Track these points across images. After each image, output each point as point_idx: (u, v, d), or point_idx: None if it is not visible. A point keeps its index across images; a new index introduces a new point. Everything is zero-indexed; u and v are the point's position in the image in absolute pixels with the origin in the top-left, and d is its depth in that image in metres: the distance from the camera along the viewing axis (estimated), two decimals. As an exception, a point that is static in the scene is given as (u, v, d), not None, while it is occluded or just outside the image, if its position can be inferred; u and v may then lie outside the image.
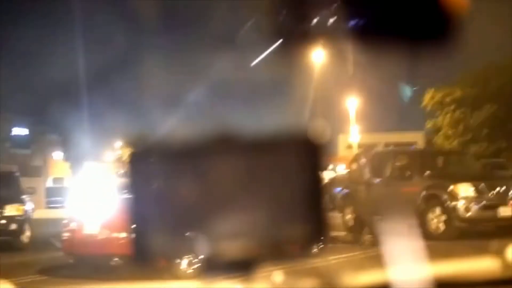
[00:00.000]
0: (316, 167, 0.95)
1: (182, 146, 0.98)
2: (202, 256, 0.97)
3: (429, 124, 41.71)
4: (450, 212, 12.80)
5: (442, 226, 12.95)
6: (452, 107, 38.19)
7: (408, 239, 11.87)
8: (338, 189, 16.43)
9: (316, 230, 0.95)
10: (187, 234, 0.97)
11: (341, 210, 15.72)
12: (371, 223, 13.06)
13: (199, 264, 0.99)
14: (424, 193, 13.32)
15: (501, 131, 36.53)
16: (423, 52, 1.57)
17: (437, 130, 40.63)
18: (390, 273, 1.29)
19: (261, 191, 0.96)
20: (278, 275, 1.29)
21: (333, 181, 18.78)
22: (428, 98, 39.29)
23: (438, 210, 13.05)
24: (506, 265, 1.23)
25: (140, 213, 0.96)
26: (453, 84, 38.57)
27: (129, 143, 0.98)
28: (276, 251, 1.00)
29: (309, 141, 0.95)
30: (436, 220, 13.06)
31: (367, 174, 13.05)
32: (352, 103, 51.18)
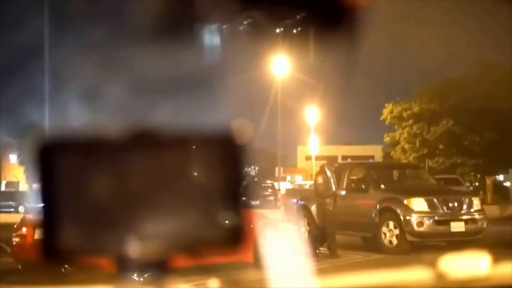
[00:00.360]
0: (235, 168, 0.92)
1: (97, 141, 0.94)
2: (118, 257, 0.94)
3: (387, 138, 42.23)
4: (403, 226, 12.90)
5: (395, 240, 13.03)
6: (410, 121, 38.73)
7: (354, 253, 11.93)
8: (294, 200, 16.46)
9: (233, 232, 0.93)
10: (100, 233, 0.93)
11: (297, 222, 15.75)
12: (329, 236, 13.11)
13: (116, 266, 0.95)
14: (378, 206, 13.42)
15: (457, 147, 37.15)
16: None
17: (394, 144, 41.16)
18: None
19: (178, 190, 0.94)
20: (213, 283, 1.26)
21: (290, 192, 18.83)
22: (387, 112, 39.80)
23: (391, 224, 13.14)
24: (438, 275, 1.21)
25: (50, 210, 0.93)
26: (411, 99, 39.15)
27: (41, 137, 0.94)
28: (192, 253, 0.98)
29: (230, 141, 0.92)
30: (390, 234, 13.14)
31: (333, 186, 13.09)
32: (312, 115, 51.61)
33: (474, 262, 1.24)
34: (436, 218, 12.99)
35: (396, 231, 13.02)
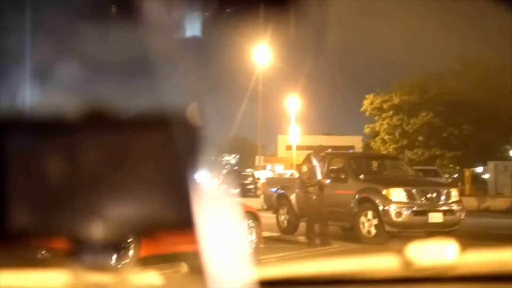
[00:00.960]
0: (189, 151, 0.90)
1: (51, 121, 0.92)
2: (73, 239, 0.93)
3: (367, 129, 42.41)
4: (381, 216, 12.96)
5: (373, 230, 13.09)
6: (390, 113, 38.90)
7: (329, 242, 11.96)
8: (274, 189, 16.49)
9: (182, 216, 0.91)
10: (54, 214, 0.92)
11: (276, 211, 15.78)
12: (308, 225, 13.18)
13: (72, 248, 0.94)
14: (357, 196, 13.47)
15: (436, 139, 37.40)
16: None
17: (374, 135, 41.34)
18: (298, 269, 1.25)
19: (130, 172, 0.92)
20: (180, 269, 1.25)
21: (270, 181, 18.87)
22: (367, 103, 39.95)
23: (370, 214, 13.20)
24: (406, 263, 1.21)
25: (1, 191, 0.91)
26: (391, 91, 39.33)
27: None
28: (146, 235, 0.96)
29: (184, 124, 0.91)
30: (368, 224, 13.21)
31: (318, 175, 13.12)
32: (293, 104, 51.62)
33: (443, 251, 1.24)
34: (415, 208, 13.06)
35: (375, 221, 13.08)
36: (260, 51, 35.44)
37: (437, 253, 1.21)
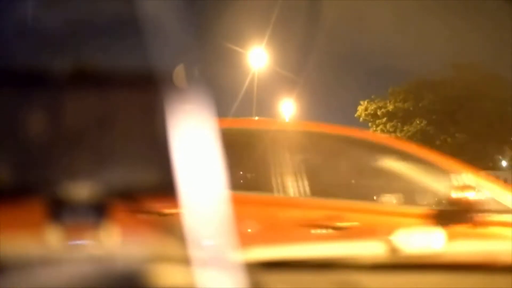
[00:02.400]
0: (172, 113, 0.90)
1: (28, 76, 0.91)
2: (51, 198, 0.92)
3: (360, 135, 42.38)
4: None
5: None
6: (384, 119, 38.91)
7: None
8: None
9: (166, 178, 0.91)
10: (31, 172, 0.90)
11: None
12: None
13: (49, 209, 0.93)
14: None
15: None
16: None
17: (368, 141, 41.32)
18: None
19: (114, 131, 0.91)
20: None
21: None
22: (362, 109, 39.94)
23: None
24: (393, 250, 1.21)
25: None
26: (386, 98, 39.33)
27: None
28: (126, 196, 0.96)
29: (170, 84, 0.90)
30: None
31: None
32: (287, 109, 51.62)
33: (430, 239, 1.24)
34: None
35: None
36: (257, 53, 35.47)
37: (424, 241, 1.22)
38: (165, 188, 0.90)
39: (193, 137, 0.88)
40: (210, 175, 0.87)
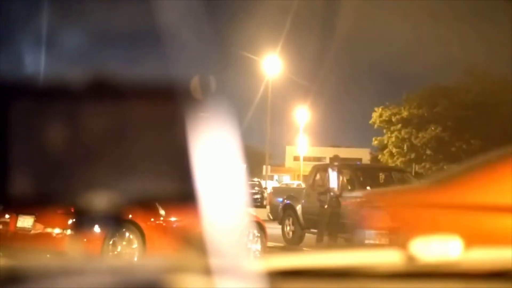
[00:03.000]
0: (191, 123, 0.90)
1: (52, 88, 0.92)
2: (74, 209, 0.92)
3: (375, 142, 42.30)
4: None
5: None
6: (398, 126, 38.79)
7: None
8: (280, 199, 16.45)
9: (185, 189, 0.91)
10: (54, 184, 0.91)
11: (282, 221, 15.75)
12: (320, 235, 13.23)
13: (73, 218, 0.94)
14: (363, 208, 13.39)
15: (444, 153, 37.25)
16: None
17: (382, 147, 41.23)
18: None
19: (132, 143, 0.92)
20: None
21: (276, 191, 18.83)
22: (376, 116, 39.87)
23: (375, 226, 13.12)
24: (409, 258, 1.21)
25: (1, 158, 0.90)
26: (400, 104, 39.24)
27: None
28: (144, 207, 0.96)
29: (188, 95, 0.90)
30: (374, 236, 13.12)
31: (333, 184, 13.17)
32: (302, 116, 51.68)
33: (447, 247, 1.24)
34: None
35: (380, 234, 12.99)
36: (271, 61, 35.58)
37: (441, 249, 1.21)
38: (186, 199, 0.90)
39: (212, 148, 0.88)
40: (230, 186, 0.87)
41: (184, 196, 0.91)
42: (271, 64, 35.66)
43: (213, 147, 0.89)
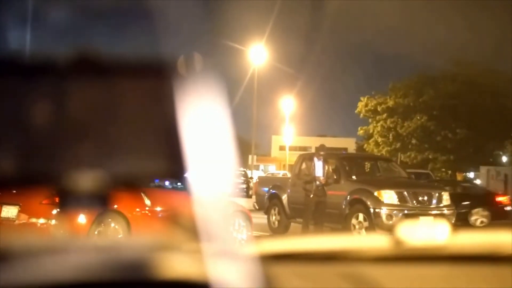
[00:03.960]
0: (179, 101, 0.89)
1: (33, 65, 0.90)
2: (59, 188, 0.91)
3: (360, 131, 42.42)
4: (372, 219, 12.87)
5: (364, 233, 12.96)
6: (384, 115, 38.91)
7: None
8: (266, 189, 16.45)
9: (173, 167, 0.90)
10: (39, 163, 0.90)
11: (267, 211, 15.77)
12: (306, 224, 13.28)
13: (58, 198, 0.92)
14: (349, 197, 13.40)
15: (429, 143, 37.45)
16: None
17: (368, 137, 41.38)
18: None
19: (119, 120, 0.91)
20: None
21: (262, 181, 18.84)
22: (362, 105, 39.97)
23: (361, 216, 13.12)
24: (397, 242, 1.22)
25: None
26: (386, 93, 39.35)
27: None
28: (132, 185, 0.95)
29: (175, 72, 0.89)
30: (359, 226, 13.12)
31: (319, 173, 13.22)
32: (288, 105, 51.68)
33: (434, 231, 1.25)
34: (406, 211, 13.00)
35: (366, 224, 12.99)
36: (257, 50, 35.55)
37: (427, 233, 1.22)
38: (173, 178, 0.89)
39: (200, 125, 0.87)
40: (219, 164, 0.86)
41: (170, 177, 0.90)
42: (258, 53, 35.62)
43: (202, 127, 0.88)
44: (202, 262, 0.83)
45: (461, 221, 15.21)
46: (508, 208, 17.96)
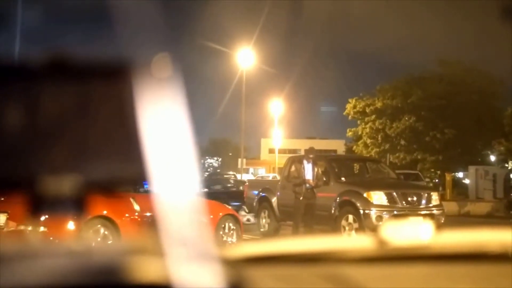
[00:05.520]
0: (152, 103, 0.88)
1: (3, 68, 0.88)
2: (30, 193, 0.89)
3: (349, 133, 42.50)
4: (362, 220, 12.88)
5: (354, 234, 12.97)
6: (373, 117, 39.00)
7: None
8: (255, 192, 16.46)
9: (140, 172, 0.89)
10: (10, 167, 0.88)
11: (257, 214, 15.77)
12: (296, 227, 13.32)
13: (29, 203, 0.91)
14: (338, 199, 13.41)
15: (418, 143, 37.56)
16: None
17: (357, 138, 41.46)
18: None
19: (91, 123, 0.89)
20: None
21: (252, 184, 18.85)
22: (350, 107, 40.04)
23: (350, 218, 13.14)
24: (380, 242, 1.21)
25: None
26: (374, 95, 39.44)
27: None
28: (104, 189, 0.93)
29: (150, 74, 0.88)
30: (349, 227, 13.13)
31: (308, 176, 13.26)
32: (276, 108, 51.75)
33: (417, 230, 1.24)
34: (395, 212, 13.03)
35: (356, 225, 13.01)
36: (245, 53, 35.58)
37: (411, 233, 1.21)
38: (142, 182, 0.88)
39: (167, 129, 0.86)
40: (184, 166, 0.85)
41: (142, 179, 0.89)
42: (245, 56, 35.65)
43: (167, 127, 0.87)
44: (171, 265, 0.82)
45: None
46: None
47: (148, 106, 0.86)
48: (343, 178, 14.06)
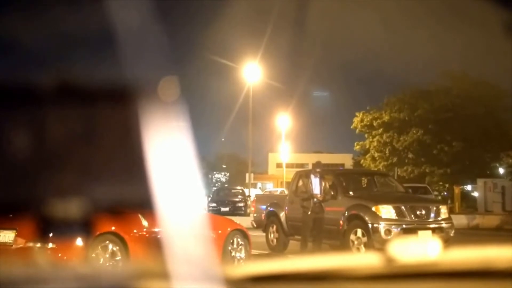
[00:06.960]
0: (161, 126, 0.88)
1: (16, 91, 0.89)
2: (40, 216, 0.90)
3: (357, 146, 42.44)
4: (371, 234, 12.81)
5: (363, 249, 12.91)
6: (380, 130, 38.94)
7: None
8: (263, 207, 16.42)
9: (146, 193, 0.89)
10: (19, 191, 0.89)
11: (265, 229, 15.73)
12: (302, 235, 13.30)
13: (39, 226, 0.91)
14: (347, 213, 13.36)
15: (426, 156, 37.46)
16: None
17: (365, 152, 41.40)
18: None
19: (98, 146, 0.90)
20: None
21: (260, 199, 18.80)
22: (357, 120, 40.01)
23: (359, 232, 13.07)
24: (388, 259, 1.21)
25: None
26: (381, 108, 39.41)
27: None
28: (111, 212, 0.94)
29: (155, 98, 0.89)
30: (357, 241, 13.06)
31: (316, 190, 13.24)
32: (284, 123, 51.77)
33: (425, 247, 1.24)
34: (404, 226, 12.97)
35: (364, 239, 12.94)
36: (252, 68, 35.67)
37: (419, 250, 1.21)
38: (148, 203, 0.89)
39: (173, 149, 0.86)
40: (189, 186, 0.85)
41: (148, 200, 0.89)
42: (252, 71, 35.73)
43: (173, 149, 0.87)
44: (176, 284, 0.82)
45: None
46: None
47: (154, 128, 0.87)
48: (351, 192, 14.01)
